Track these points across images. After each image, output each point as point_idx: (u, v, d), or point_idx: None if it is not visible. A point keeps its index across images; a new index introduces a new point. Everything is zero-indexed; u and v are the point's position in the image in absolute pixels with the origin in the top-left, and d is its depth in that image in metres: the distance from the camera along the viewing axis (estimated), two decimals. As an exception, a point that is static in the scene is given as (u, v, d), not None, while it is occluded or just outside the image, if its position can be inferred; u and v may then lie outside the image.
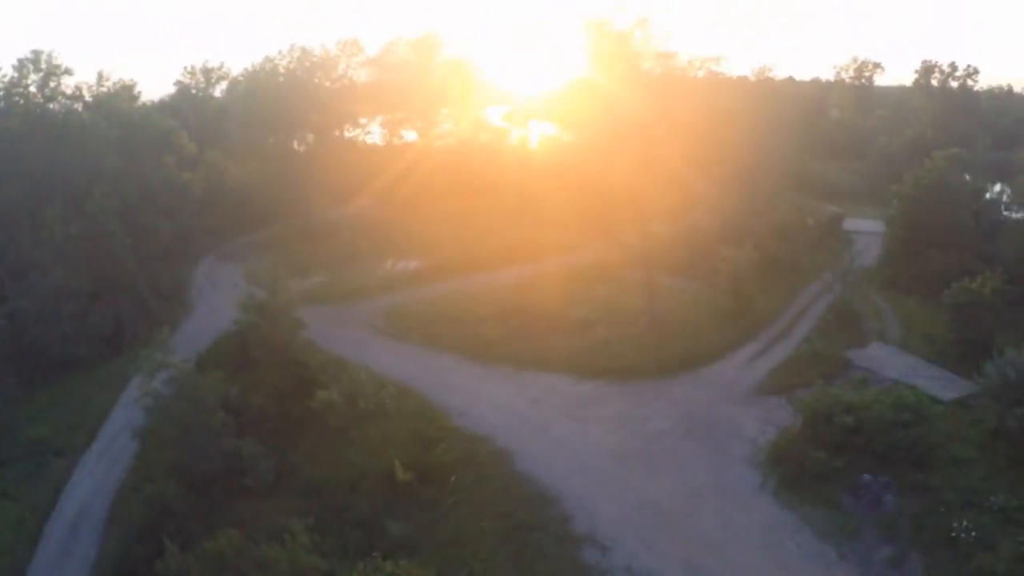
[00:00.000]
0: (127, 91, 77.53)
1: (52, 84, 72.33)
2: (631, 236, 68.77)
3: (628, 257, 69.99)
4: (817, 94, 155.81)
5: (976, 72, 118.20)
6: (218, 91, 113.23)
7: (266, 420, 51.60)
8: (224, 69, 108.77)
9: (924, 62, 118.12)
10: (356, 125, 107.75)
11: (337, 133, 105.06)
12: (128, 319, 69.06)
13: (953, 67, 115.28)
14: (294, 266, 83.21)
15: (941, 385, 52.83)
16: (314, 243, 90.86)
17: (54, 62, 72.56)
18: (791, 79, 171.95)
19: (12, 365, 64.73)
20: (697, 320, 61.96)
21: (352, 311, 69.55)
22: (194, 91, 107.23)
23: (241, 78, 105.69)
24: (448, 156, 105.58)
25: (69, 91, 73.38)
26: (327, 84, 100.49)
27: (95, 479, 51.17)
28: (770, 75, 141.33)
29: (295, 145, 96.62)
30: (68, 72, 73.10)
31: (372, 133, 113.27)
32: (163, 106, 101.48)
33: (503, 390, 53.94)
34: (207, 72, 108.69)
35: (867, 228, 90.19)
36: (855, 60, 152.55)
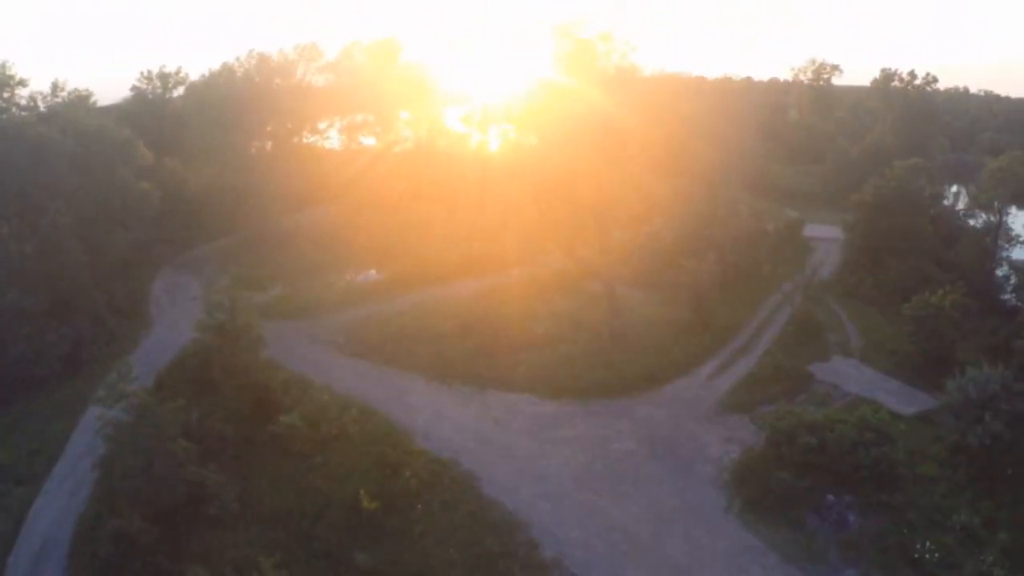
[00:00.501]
0: (82, 101, 75.64)
1: (6, 95, 70.42)
2: (591, 246, 69.05)
3: (588, 269, 70.23)
4: (775, 95, 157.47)
5: (935, 80, 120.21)
6: (176, 95, 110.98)
7: (228, 445, 50.69)
8: (181, 74, 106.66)
9: (884, 70, 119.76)
10: (315, 131, 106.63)
11: (296, 139, 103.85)
12: (86, 338, 67.30)
13: (912, 75, 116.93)
14: (252, 279, 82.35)
15: (902, 400, 54.02)
16: (272, 253, 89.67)
17: (7, 72, 70.64)
18: (749, 79, 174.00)
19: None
20: (659, 334, 62.28)
21: (313, 327, 68.67)
22: (151, 96, 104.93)
23: (199, 83, 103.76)
24: (407, 161, 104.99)
25: (23, 102, 71.50)
26: (285, 90, 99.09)
27: (57, 508, 49.75)
28: (729, 76, 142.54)
29: (253, 151, 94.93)
30: (22, 83, 71.25)
31: (331, 139, 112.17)
32: (120, 112, 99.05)
33: (467, 411, 53.85)
34: (164, 77, 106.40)
35: (826, 234, 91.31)
36: (813, 62, 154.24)
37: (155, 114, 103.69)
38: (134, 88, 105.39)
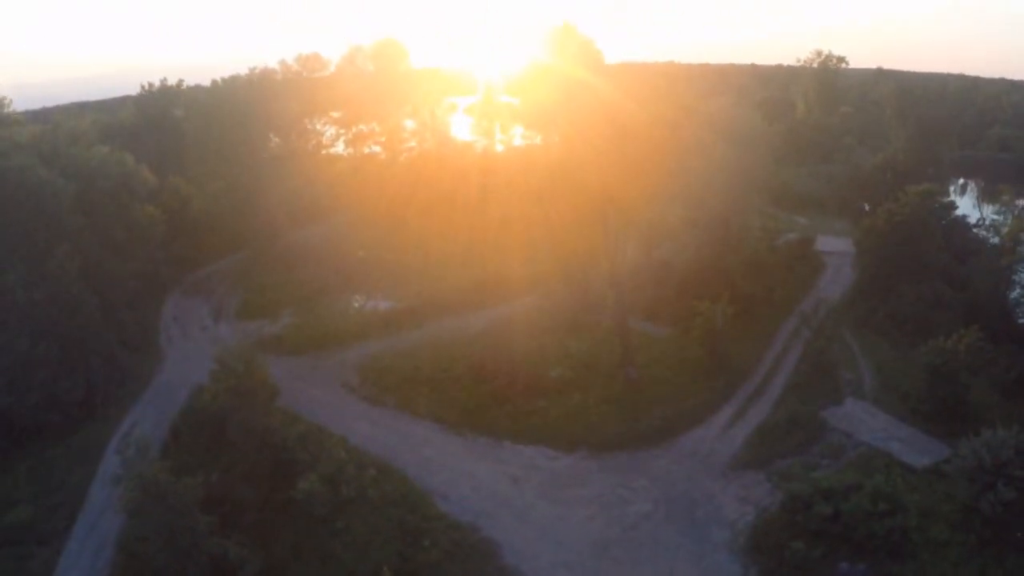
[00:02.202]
0: (83, 138, 74.66)
1: (4, 134, 69.70)
2: (600, 272, 68.80)
3: (599, 301, 70.21)
4: (780, 85, 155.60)
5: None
6: (179, 104, 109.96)
7: (248, 510, 51.12)
8: (183, 87, 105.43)
9: (901, 88, 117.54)
10: (320, 145, 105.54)
11: (301, 149, 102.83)
12: (99, 379, 67.58)
13: (926, 91, 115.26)
14: (262, 305, 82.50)
15: (915, 450, 54.13)
16: (281, 273, 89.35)
17: (4, 111, 70.01)
18: (754, 66, 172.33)
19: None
20: (673, 378, 62.38)
21: (325, 364, 68.97)
22: (152, 112, 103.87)
23: (201, 97, 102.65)
24: (412, 171, 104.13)
25: (22, 139, 70.57)
26: (288, 101, 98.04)
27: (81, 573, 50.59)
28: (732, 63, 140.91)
29: (258, 164, 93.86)
30: (19, 123, 70.56)
31: (336, 148, 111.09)
32: (121, 130, 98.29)
33: (484, 466, 54.08)
34: (166, 91, 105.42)
35: (838, 248, 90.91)
36: (819, 53, 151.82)
37: (157, 129, 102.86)
38: (135, 101, 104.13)
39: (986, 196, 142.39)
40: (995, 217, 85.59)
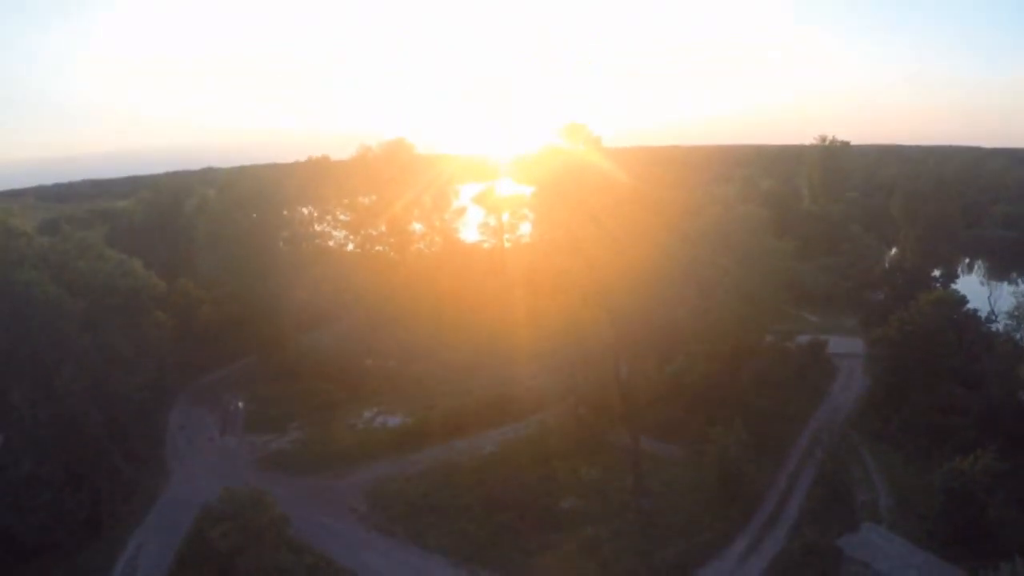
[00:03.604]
0: (91, 250, 74.92)
1: (12, 244, 69.82)
2: (610, 387, 68.34)
3: (610, 420, 69.69)
4: (787, 166, 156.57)
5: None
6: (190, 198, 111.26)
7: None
8: (193, 186, 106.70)
9: (906, 188, 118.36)
10: (326, 250, 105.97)
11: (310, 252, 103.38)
12: (105, 497, 66.80)
13: (940, 180, 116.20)
14: (269, 417, 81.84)
15: (932, 578, 52.81)
16: (288, 383, 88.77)
17: (11, 224, 70.40)
18: (758, 148, 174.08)
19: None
20: (687, 507, 61.17)
21: (334, 487, 67.93)
22: (162, 211, 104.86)
23: (210, 197, 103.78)
24: (421, 271, 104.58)
25: (30, 253, 70.76)
26: (297, 201, 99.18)
27: None
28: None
29: (268, 271, 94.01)
30: (27, 235, 70.89)
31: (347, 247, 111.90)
32: (131, 231, 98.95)
33: (495, 608, 52.80)
34: (174, 192, 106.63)
35: (849, 350, 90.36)
36: (823, 139, 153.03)
37: (167, 228, 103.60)
38: (144, 201, 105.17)
39: (992, 275, 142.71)
40: (1009, 322, 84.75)
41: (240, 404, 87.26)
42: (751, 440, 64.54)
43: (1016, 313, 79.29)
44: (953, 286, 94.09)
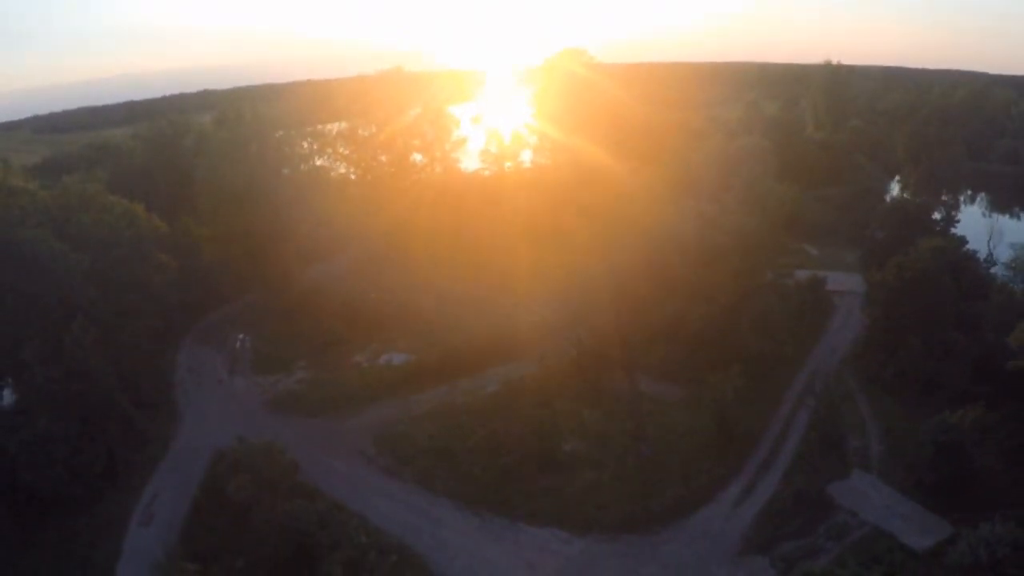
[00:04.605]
0: (94, 201, 75.04)
1: (13, 202, 70.00)
2: (611, 331, 69.65)
3: (612, 356, 70.99)
4: (790, 87, 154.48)
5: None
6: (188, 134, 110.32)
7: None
8: (192, 123, 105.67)
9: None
10: (327, 182, 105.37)
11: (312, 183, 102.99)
12: (119, 447, 68.65)
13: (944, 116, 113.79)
14: (275, 360, 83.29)
15: (918, 529, 55.14)
16: (293, 321, 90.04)
17: (12, 183, 70.49)
18: (763, 67, 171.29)
19: (5, 503, 64.21)
20: (684, 451, 63.19)
21: (341, 429, 69.94)
22: (162, 148, 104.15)
23: (208, 129, 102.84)
24: (422, 202, 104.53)
25: (32, 209, 70.95)
26: (298, 143, 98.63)
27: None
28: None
29: (270, 207, 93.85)
30: (28, 192, 71.02)
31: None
32: (131, 170, 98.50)
33: (500, 551, 55.02)
34: (174, 125, 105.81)
35: (848, 286, 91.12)
36: (828, 63, 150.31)
37: (167, 166, 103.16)
38: (145, 140, 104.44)
39: (994, 208, 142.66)
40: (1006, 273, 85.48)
41: (247, 342, 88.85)
42: (748, 384, 66.22)
43: (1013, 264, 79.74)
44: (954, 226, 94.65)
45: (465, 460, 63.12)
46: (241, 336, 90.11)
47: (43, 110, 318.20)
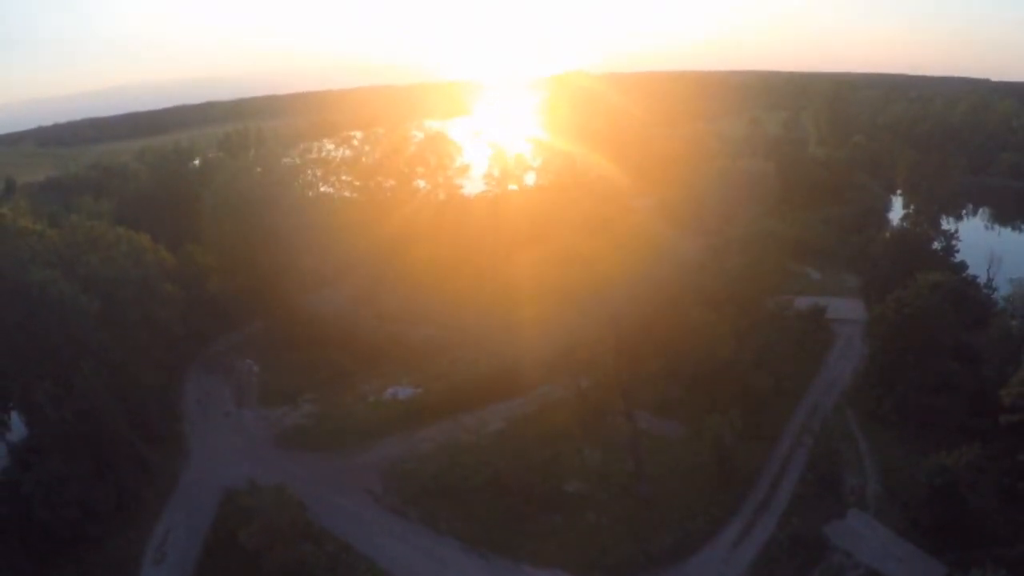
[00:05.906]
0: (101, 241, 76.10)
1: (23, 243, 71.05)
2: (611, 369, 70.41)
3: (613, 395, 71.80)
4: (792, 97, 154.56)
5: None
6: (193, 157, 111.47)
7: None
8: (197, 147, 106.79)
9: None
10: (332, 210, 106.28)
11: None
12: (130, 484, 69.78)
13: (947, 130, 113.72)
14: (281, 390, 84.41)
15: (911, 572, 56.11)
16: (299, 351, 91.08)
17: (21, 224, 71.61)
18: (765, 76, 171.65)
19: (21, 541, 65.33)
20: (684, 491, 64.21)
21: (348, 466, 71.12)
22: (166, 177, 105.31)
23: (214, 161, 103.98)
24: (424, 227, 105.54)
25: (40, 249, 72.03)
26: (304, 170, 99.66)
27: None
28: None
29: (276, 239, 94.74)
30: (37, 232, 72.17)
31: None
32: (137, 199, 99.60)
33: (505, 594, 56.33)
34: (180, 152, 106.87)
35: (849, 314, 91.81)
36: (831, 76, 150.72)
37: (172, 191, 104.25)
38: (149, 169, 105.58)
39: (997, 221, 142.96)
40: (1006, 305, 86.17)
41: (254, 367, 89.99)
42: (747, 423, 67.18)
43: (1012, 299, 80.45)
44: (953, 256, 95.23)
45: (469, 500, 64.31)
46: (249, 361, 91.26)
47: (47, 121, 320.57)
